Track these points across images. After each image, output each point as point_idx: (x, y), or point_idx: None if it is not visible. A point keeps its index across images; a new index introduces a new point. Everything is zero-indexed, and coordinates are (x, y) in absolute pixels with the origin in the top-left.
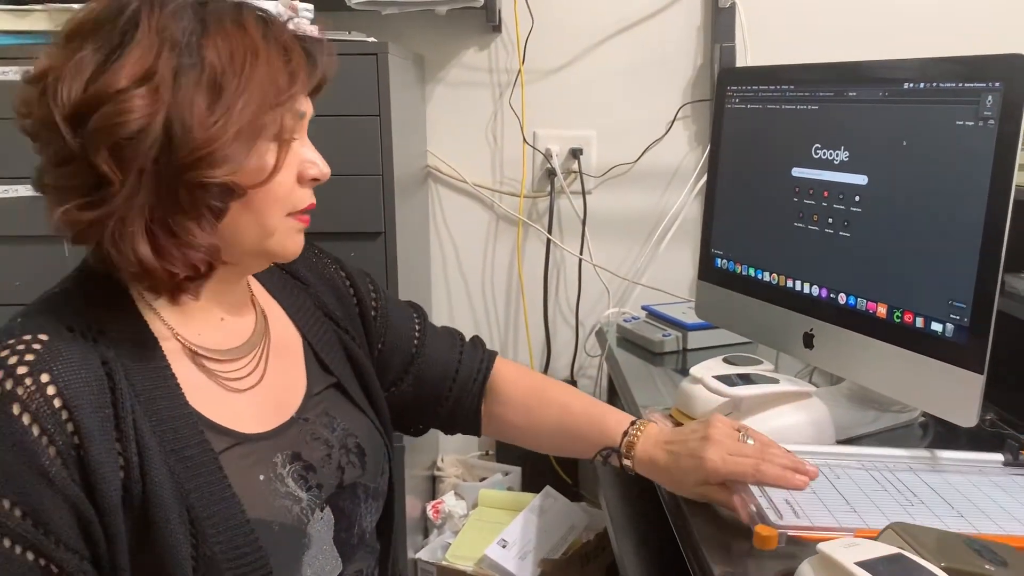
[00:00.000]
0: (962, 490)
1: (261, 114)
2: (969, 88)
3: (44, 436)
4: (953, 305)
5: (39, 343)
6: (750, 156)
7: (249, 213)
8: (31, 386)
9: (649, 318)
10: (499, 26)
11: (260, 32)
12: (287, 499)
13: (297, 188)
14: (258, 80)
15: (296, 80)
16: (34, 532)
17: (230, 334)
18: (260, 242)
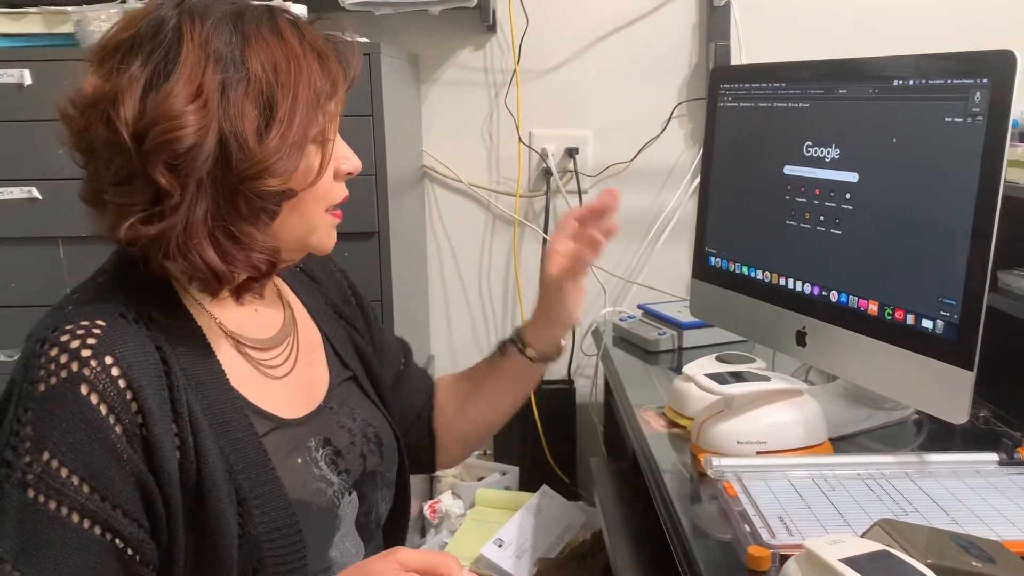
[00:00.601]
0: (958, 495)
1: (310, 122)
2: (958, 85)
3: (112, 415)
4: (943, 302)
5: (98, 328)
6: (743, 154)
7: (297, 213)
8: (97, 367)
9: (645, 317)
10: (493, 26)
11: (297, 39)
12: (321, 482)
13: (335, 184)
14: (303, 89)
15: (337, 85)
16: (102, 506)
17: (264, 325)
18: (304, 238)
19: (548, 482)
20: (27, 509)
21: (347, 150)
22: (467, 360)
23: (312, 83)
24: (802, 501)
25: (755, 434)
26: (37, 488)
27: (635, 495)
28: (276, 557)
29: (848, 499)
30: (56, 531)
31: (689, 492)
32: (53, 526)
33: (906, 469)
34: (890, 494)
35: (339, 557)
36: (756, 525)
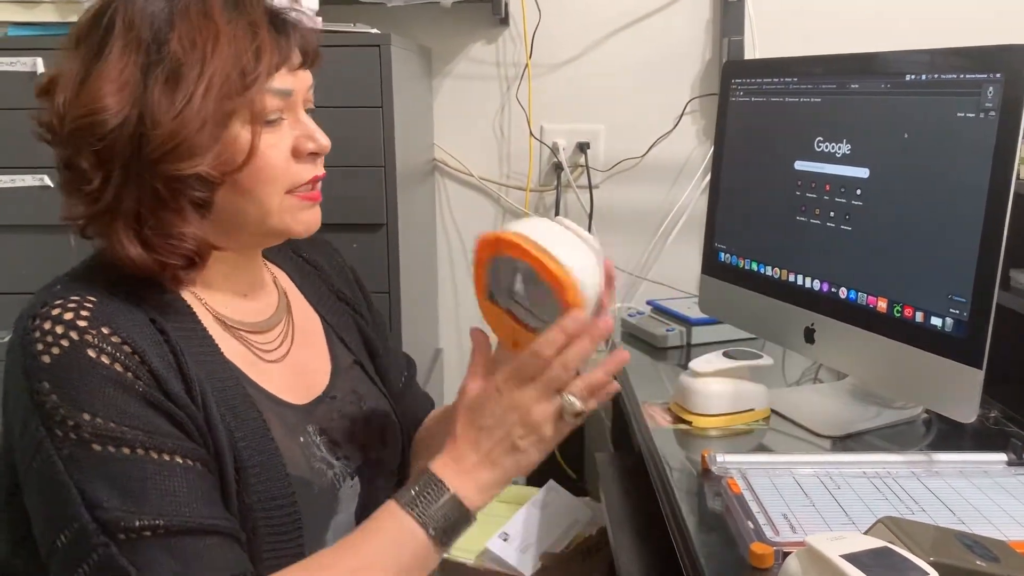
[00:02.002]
0: (965, 495)
1: (227, 99)
2: (970, 80)
3: (128, 372)
4: (953, 299)
5: (90, 302)
6: (754, 149)
7: (243, 196)
8: (96, 335)
9: (654, 313)
10: (506, 19)
11: (226, 16)
12: (322, 463)
13: (294, 165)
14: (219, 65)
15: (262, 58)
16: (157, 438)
17: (253, 309)
18: (262, 222)
19: (555, 477)
20: (103, 460)
21: (312, 129)
22: None
23: (235, 59)
24: (807, 499)
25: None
26: (99, 442)
27: (640, 491)
28: (270, 527)
29: (853, 497)
30: (137, 468)
31: (693, 488)
32: (134, 465)
33: (913, 468)
34: (896, 493)
35: (334, 540)
36: (760, 522)
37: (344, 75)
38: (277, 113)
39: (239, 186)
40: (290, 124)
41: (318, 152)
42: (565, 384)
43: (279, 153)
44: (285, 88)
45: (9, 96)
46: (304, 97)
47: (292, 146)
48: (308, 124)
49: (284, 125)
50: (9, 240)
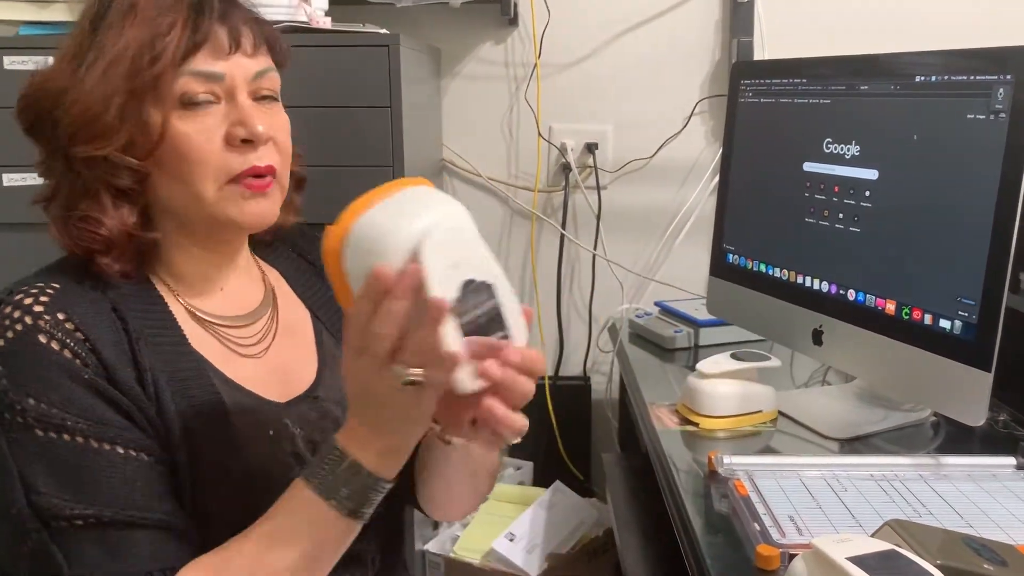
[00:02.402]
0: (973, 498)
1: (131, 77)
2: (980, 81)
3: (77, 359)
4: (961, 302)
5: (52, 289)
6: (763, 150)
7: (176, 184)
8: (50, 320)
9: (662, 314)
10: (515, 19)
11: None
12: (292, 458)
13: (227, 153)
14: (128, 44)
15: (165, 38)
16: (100, 427)
17: (231, 303)
18: (200, 211)
19: (562, 478)
20: (44, 446)
21: (247, 115)
22: None
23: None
24: (813, 501)
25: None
26: (42, 427)
27: (647, 492)
28: (225, 517)
29: (860, 500)
30: (77, 456)
31: (700, 489)
32: (75, 453)
33: (920, 471)
34: (903, 496)
35: None
36: (766, 524)
37: (353, 75)
38: (205, 97)
39: (171, 174)
40: (226, 111)
41: (250, 139)
42: (388, 352)
43: (208, 139)
44: (211, 71)
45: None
46: (250, 85)
47: (225, 133)
48: (244, 110)
49: (217, 111)
50: (21, 238)
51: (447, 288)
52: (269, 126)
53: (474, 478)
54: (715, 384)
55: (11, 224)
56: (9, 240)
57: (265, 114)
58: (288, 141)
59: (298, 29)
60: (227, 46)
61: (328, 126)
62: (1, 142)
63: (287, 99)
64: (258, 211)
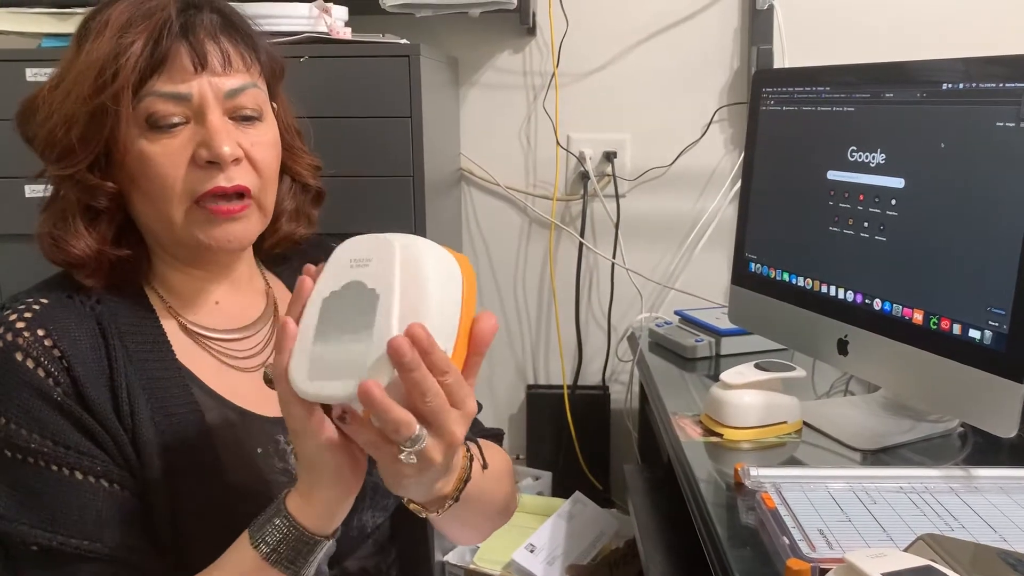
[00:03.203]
0: (1006, 511)
1: (89, 98)
2: (1009, 88)
3: (49, 378)
4: (991, 312)
5: (39, 305)
6: (785, 159)
7: (147, 203)
8: (30, 337)
9: (682, 323)
10: (533, 28)
11: (123, 19)
12: (283, 475)
13: (193, 172)
14: (88, 65)
15: (122, 57)
16: (65, 452)
17: (225, 317)
18: (171, 233)
19: (581, 488)
20: (7, 467)
21: (211, 135)
22: (501, 363)
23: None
24: (842, 514)
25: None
26: (7, 447)
27: (670, 503)
28: (206, 536)
29: (890, 513)
30: (38, 480)
31: (725, 501)
32: (35, 477)
33: (951, 483)
34: (934, 508)
35: None
36: (795, 538)
37: (373, 85)
38: (176, 119)
39: (142, 194)
40: (194, 131)
41: (213, 160)
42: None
43: (174, 160)
44: (175, 91)
45: None
46: (224, 104)
47: (192, 153)
48: (210, 130)
49: (185, 131)
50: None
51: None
52: (248, 145)
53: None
54: (740, 395)
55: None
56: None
57: (242, 134)
58: (270, 159)
59: (318, 40)
60: (192, 65)
61: (348, 136)
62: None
63: (308, 110)
64: (226, 236)
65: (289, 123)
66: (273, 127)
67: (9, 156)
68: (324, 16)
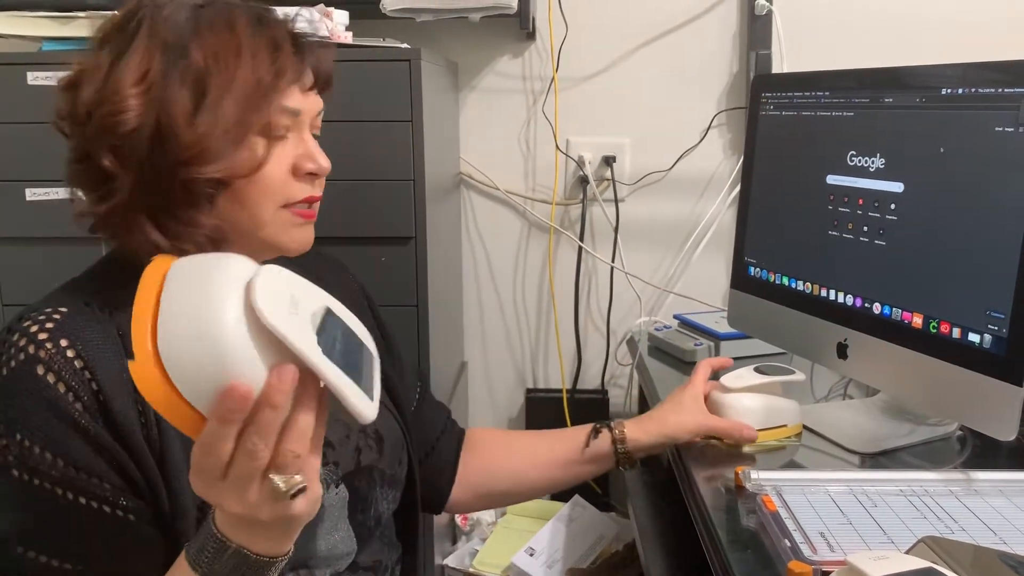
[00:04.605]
0: (1006, 514)
1: (248, 111)
2: (1008, 94)
3: (70, 392)
4: (991, 315)
5: (59, 314)
6: (784, 163)
7: (239, 205)
8: (52, 349)
9: (681, 327)
10: (533, 33)
11: (250, 31)
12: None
13: (292, 181)
14: (242, 78)
15: (282, 76)
16: (78, 477)
17: None
18: (253, 232)
19: (580, 491)
20: (17, 489)
21: (316, 150)
22: (500, 367)
23: (255, 73)
24: (843, 516)
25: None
26: (20, 468)
27: (670, 507)
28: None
29: (891, 516)
30: (46, 505)
31: (725, 505)
32: (44, 501)
33: (951, 486)
34: (934, 511)
35: (325, 550)
36: (796, 540)
37: (374, 89)
38: (284, 130)
39: (237, 195)
40: (294, 142)
41: (317, 173)
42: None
43: (278, 168)
44: (295, 107)
45: (43, 110)
46: (312, 120)
47: (292, 164)
48: (310, 144)
49: (288, 142)
50: (44, 252)
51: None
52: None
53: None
54: (739, 398)
55: (34, 239)
56: (32, 254)
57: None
58: None
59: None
60: (309, 84)
61: (349, 140)
62: (25, 157)
63: None
64: (303, 237)
65: None
66: None
67: (10, 159)
68: (325, 20)
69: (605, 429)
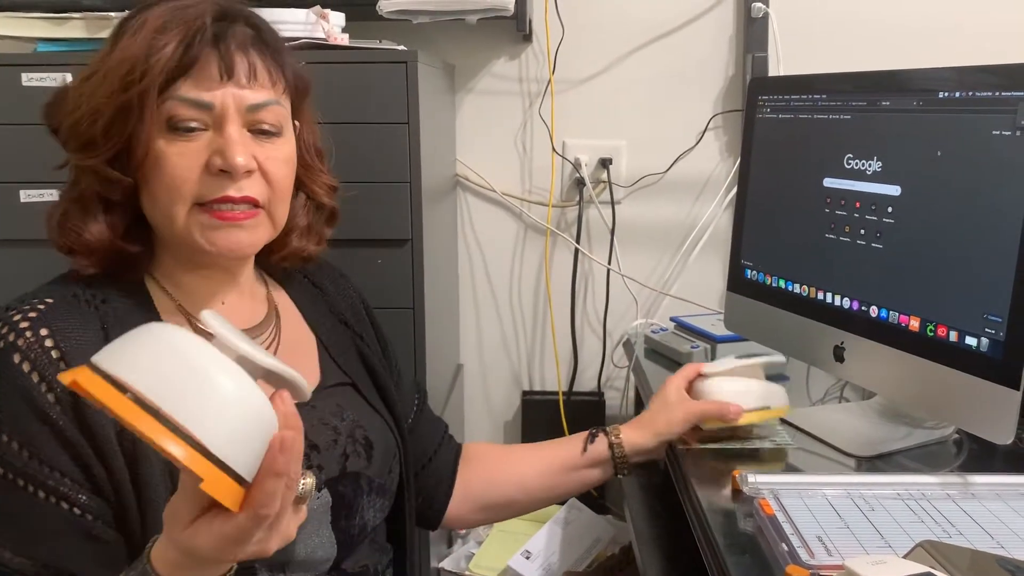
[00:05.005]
0: (1003, 518)
1: (117, 94)
2: (1005, 97)
3: (43, 383)
4: (988, 319)
5: (44, 304)
6: (781, 166)
7: (155, 205)
8: (31, 338)
9: (678, 329)
10: (529, 35)
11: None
12: None
13: (204, 178)
14: (117, 61)
15: (152, 58)
16: (40, 470)
17: (233, 318)
18: (171, 232)
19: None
20: None
21: (227, 145)
22: (497, 369)
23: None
24: (840, 520)
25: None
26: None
27: (666, 510)
28: None
29: (888, 519)
30: (7, 495)
31: (722, 508)
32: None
33: (948, 490)
34: (932, 515)
35: (304, 554)
36: (794, 544)
37: (370, 91)
38: (194, 124)
39: (151, 192)
40: (211, 138)
41: (226, 169)
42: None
43: (188, 163)
44: (199, 99)
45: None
46: (244, 116)
47: (206, 160)
48: (227, 140)
49: (203, 137)
50: (38, 254)
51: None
52: (263, 159)
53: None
54: (720, 382)
55: (29, 240)
56: (26, 256)
57: (258, 147)
58: (284, 174)
59: (316, 46)
60: (218, 74)
61: (345, 142)
62: (19, 158)
63: None
64: (227, 242)
65: (310, 142)
66: (291, 143)
67: (4, 161)
68: (321, 22)
69: (602, 433)
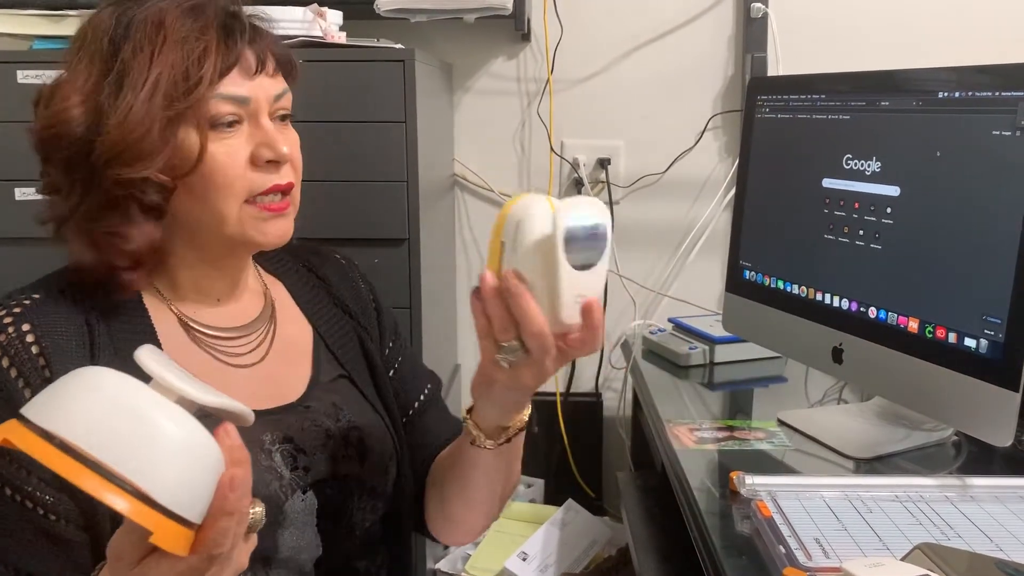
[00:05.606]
0: (1001, 520)
1: (171, 103)
2: (1005, 97)
3: (21, 378)
4: (987, 320)
5: (29, 300)
6: (780, 166)
7: (199, 203)
8: (12, 334)
9: (676, 330)
10: (528, 35)
11: (179, 23)
12: (268, 473)
13: (251, 172)
14: (163, 70)
15: (204, 62)
16: (9, 468)
17: (227, 316)
18: (218, 229)
19: (574, 496)
20: None
21: (271, 137)
22: None
23: (179, 63)
24: (838, 522)
25: None
26: None
27: (663, 511)
28: None
29: (886, 522)
30: None
31: (720, 510)
32: None
33: (946, 492)
34: (930, 518)
35: (286, 553)
36: (791, 546)
37: (368, 90)
38: (232, 118)
39: (195, 192)
40: (249, 132)
41: (275, 160)
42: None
43: (234, 160)
44: (238, 94)
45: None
46: (271, 106)
47: (251, 154)
48: (268, 132)
49: (242, 132)
50: (33, 252)
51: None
52: (289, 146)
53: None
54: None
55: (23, 238)
56: (20, 254)
57: (284, 134)
58: (300, 158)
59: (313, 44)
60: (253, 68)
61: (342, 141)
62: (13, 156)
63: (302, 114)
64: (276, 231)
65: None
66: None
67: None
68: (319, 20)
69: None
